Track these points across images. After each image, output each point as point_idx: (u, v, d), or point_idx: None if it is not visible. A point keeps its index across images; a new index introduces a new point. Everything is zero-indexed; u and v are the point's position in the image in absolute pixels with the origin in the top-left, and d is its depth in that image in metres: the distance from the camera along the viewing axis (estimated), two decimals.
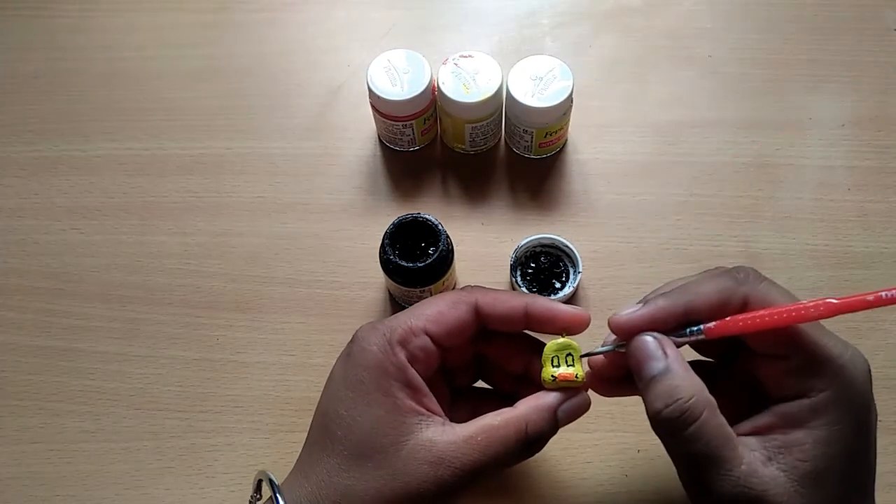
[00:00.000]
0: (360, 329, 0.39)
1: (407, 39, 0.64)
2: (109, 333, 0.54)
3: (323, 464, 0.37)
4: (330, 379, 0.39)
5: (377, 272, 0.50)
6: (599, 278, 0.55)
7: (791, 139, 0.59)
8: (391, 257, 0.48)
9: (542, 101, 0.52)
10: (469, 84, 0.53)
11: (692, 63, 0.62)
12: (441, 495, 0.35)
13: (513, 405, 0.38)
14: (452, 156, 0.59)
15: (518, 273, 0.53)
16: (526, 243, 0.53)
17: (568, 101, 0.54)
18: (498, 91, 0.53)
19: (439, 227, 0.48)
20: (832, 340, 0.35)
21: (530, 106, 0.52)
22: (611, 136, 0.60)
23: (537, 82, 0.53)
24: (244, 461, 0.50)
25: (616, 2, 0.65)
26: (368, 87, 0.54)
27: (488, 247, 0.56)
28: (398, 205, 0.57)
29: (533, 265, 0.54)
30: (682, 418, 0.34)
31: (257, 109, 0.61)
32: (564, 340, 0.39)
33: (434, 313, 0.38)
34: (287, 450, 0.50)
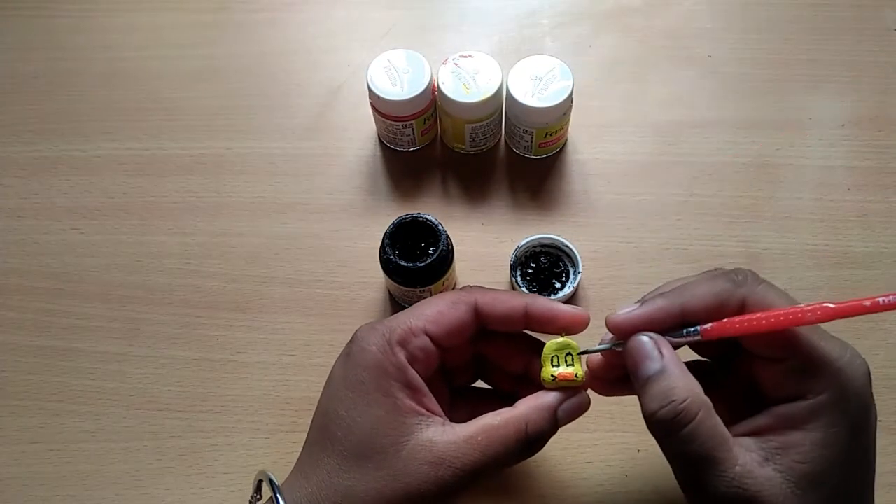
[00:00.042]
0: (360, 329, 0.39)
1: (407, 39, 0.64)
2: (109, 333, 0.54)
3: (323, 464, 0.37)
4: (329, 379, 0.39)
5: (377, 272, 0.50)
6: (599, 278, 0.55)
7: (791, 139, 0.59)
8: (391, 257, 0.48)
9: (542, 101, 0.52)
10: (469, 84, 0.53)
11: (692, 63, 0.62)
12: (441, 495, 0.35)
13: (512, 405, 0.38)
14: (452, 156, 0.59)
15: (518, 273, 0.53)
16: (526, 243, 0.53)
17: (568, 101, 0.54)
18: (498, 91, 0.53)
19: (439, 227, 0.48)
20: (830, 342, 0.35)
21: (530, 106, 0.52)
22: (611, 136, 0.60)
23: (537, 82, 0.53)
24: (244, 461, 0.50)
25: (616, 2, 0.65)
26: (368, 87, 0.54)
27: (488, 247, 0.56)
28: (398, 205, 0.57)
29: (533, 265, 0.54)
30: (677, 419, 0.34)
31: (257, 109, 0.61)
32: (564, 340, 0.39)
33: (434, 313, 0.38)
34: (287, 450, 0.50)
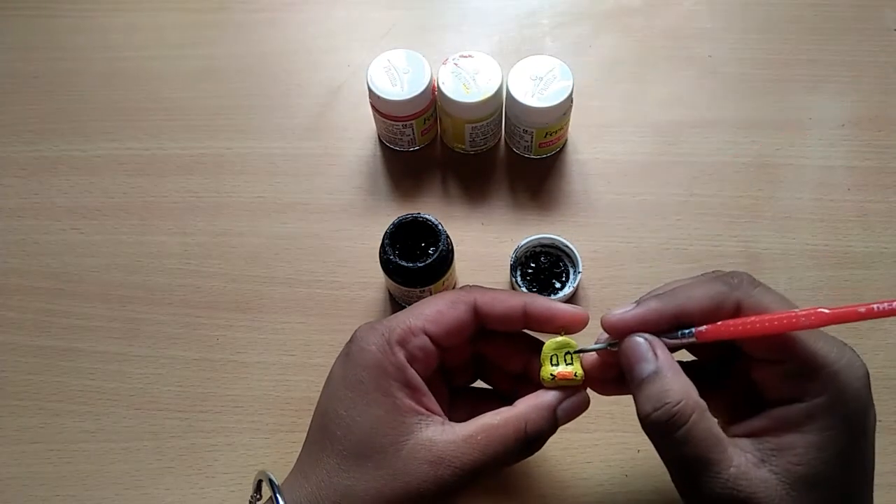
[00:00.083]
0: (359, 329, 0.39)
1: (407, 39, 0.64)
2: (109, 333, 0.54)
3: (323, 464, 0.37)
4: (329, 379, 0.39)
5: (377, 272, 0.50)
6: (599, 278, 0.55)
7: (791, 139, 0.59)
8: (391, 257, 0.48)
9: (542, 101, 0.52)
10: (469, 84, 0.53)
11: (692, 63, 0.62)
12: (441, 495, 0.35)
13: (512, 404, 0.38)
14: (452, 156, 0.59)
15: (518, 273, 0.53)
16: (526, 243, 0.53)
17: (568, 101, 0.54)
18: (498, 91, 0.53)
19: (439, 227, 0.48)
20: (828, 345, 0.34)
21: (530, 106, 0.52)
22: (611, 136, 0.60)
23: (537, 82, 0.53)
24: (244, 461, 0.50)
25: (616, 2, 0.65)
26: (368, 87, 0.54)
27: (488, 247, 0.56)
28: (398, 205, 0.57)
29: (533, 265, 0.54)
30: (671, 421, 0.34)
31: (257, 109, 0.61)
32: (563, 339, 0.39)
33: (433, 313, 0.38)
34: (287, 450, 0.50)
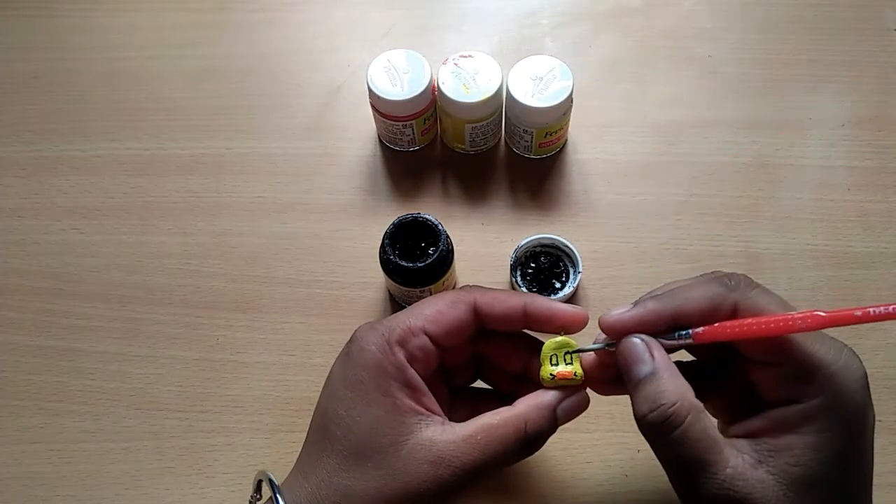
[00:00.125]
0: (359, 329, 0.39)
1: (407, 39, 0.64)
2: (109, 333, 0.54)
3: (322, 464, 0.37)
4: (329, 379, 0.39)
5: (377, 272, 0.50)
6: (599, 278, 0.55)
7: (791, 139, 0.59)
8: (391, 257, 0.48)
9: (542, 101, 0.52)
10: (469, 84, 0.53)
11: (692, 63, 0.62)
12: (441, 495, 0.35)
13: (512, 404, 0.38)
14: (452, 156, 0.59)
15: (518, 273, 0.53)
16: (526, 243, 0.53)
17: (568, 101, 0.54)
18: (498, 91, 0.53)
19: (439, 227, 0.48)
20: (825, 346, 0.34)
21: (530, 106, 0.52)
22: (611, 136, 0.60)
23: (537, 82, 0.53)
24: (244, 461, 0.50)
25: (616, 2, 0.65)
26: (368, 87, 0.54)
27: (488, 247, 0.56)
28: (398, 205, 0.57)
29: (533, 265, 0.54)
30: (667, 423, 0.34)
31: (257, 109, 0.61)
32: (563, 339, 0.39)
33: (433, 313, 0.38)
34: (287, 450, 0.50)
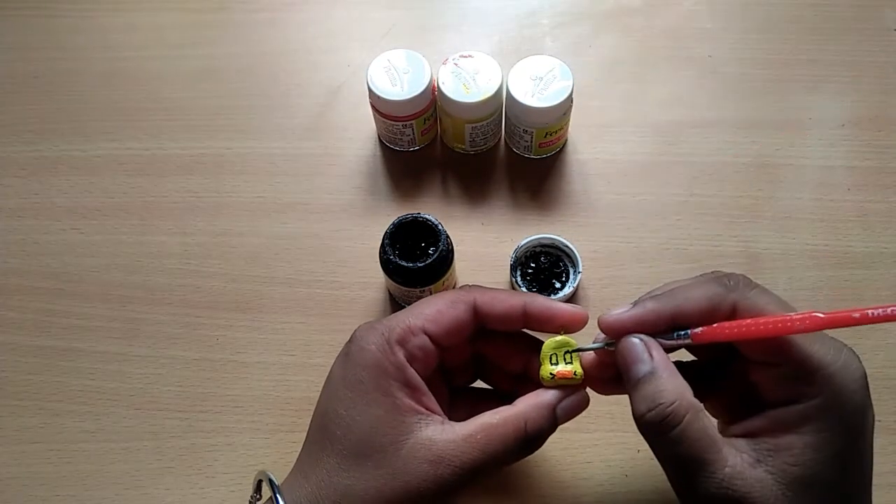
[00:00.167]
0: (359, 329, 0.39)
1: (407, 39, 0.64)
2: (109, 333, 0.54)
3: (322, 464, 0.37)
4: (329, 379, 0.39)
5: (377, 272, 0.50)
6: (599, 278, 0.55)
7: (791, 139, 0.59)
8: (391, 257, 0.48)
9: (542, 101, 0.52)
10: (469, 84, 0.53)
11: (692, 63, 0.62)
12: (441, 494, 0.35)
13: (511, 403, 0.38)
14: (452, 156, 0.59)
15: (518, 273, 0.53)
16: (526, 243, 0.53)
17: (568, 101, 0.54)
18: (498, 91, 0.53)
19: (439, 227, 0.48)
20: (824, 347, 0.34)
21: (530, 106, 0.52)
22: (611, 136, 0.60)
23: (537, 82, 0.53)
24: (244, 461, 0.50)
25: (616, 2, 0.65)
26: (368, 87, 0.54)
27: (488, 247, 0.56)
28: (398, 205, 0.57)
29: (533, 265, 0.54)
30: (665, 422, 0.34)
31: (257, 109, 0.61)
32: (563, 338, 0.39)
33: (433, 312, 0.38)
34: (287, 450, 0.50)
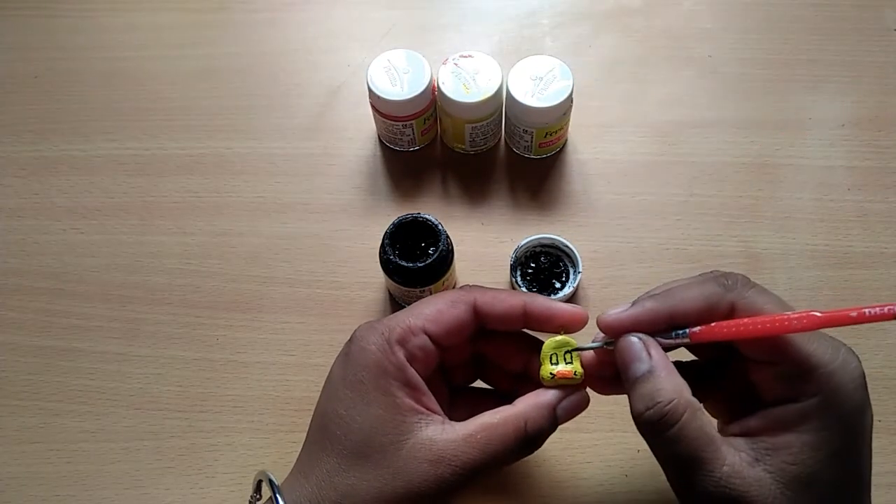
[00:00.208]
0: (359, 328, 0.39)
1: (407, 39, 0.64)
2: (109, 333, 0.54)
3: (323, 464, 0.37)
4: (328, 379, 0.39)
5: (377, 272, 0.50)
6: (599, 278, 0.55)
7: (791, 139, 0.59)
8: (391, 257, 0.48)
9: (542, 101, 0.52)
10: (469, 84, 0.53)
11: (692, 63, 0.62)
12: (441, 494, 0.35)
13: (511, 403, 0.38)
14: (452, 156, 0.59)
15: (518, 273, 0.53)
16: (526, 243, 0.53)
17: (568, 101, 0.54)
18: (498, 91, 0.53)
19: (439, 227, 0.48)
20: (822, 346, 0.34)
21: (530, 106, 0.52)
22: (611, 136, 0.60)
23: (537, 82, 0.53)
24: (244, 461, 0.50)
25: (616, 2, 0.65)
26: (368, 87, 0.54)
27: (488, 247, 0.56)
28: (398, 205, 0.57)
29: (533, 265, 0.54)
30: (663, 421, 0.34)
31: (257, 109, 0.61)
32: (563, 338, 0.39)
33: (433, 312, 0.38)
34: (287, 450, 0.50)
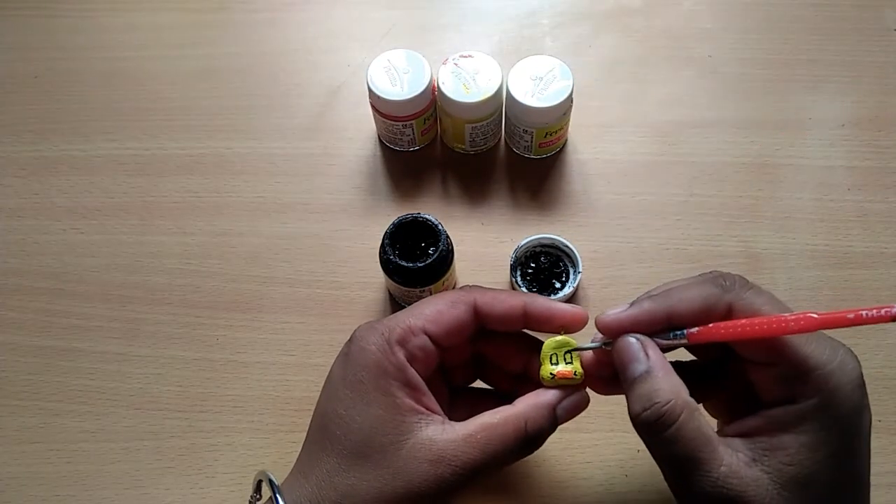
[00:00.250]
0: (359, 329, 0.39)
1: (407, 39, 0.64)
2: (109, 333, 0.54)
3: (323, 464, 0.37)
4: (328, 379, 0.39)
5: (377, 272, 0.50)
6: (599, 278, 0.55)
7: (791, 139, 0.59)
8: (391, 257, 0.48)
9: (542, 101, 0.52)
10: (469, 84, 0.53)
11: (692, 63, 0.62)
12: (441, 494, 0.36)
13: (511, 403, 0.38)
14: (452, 156, 0.59)
15: (518, 273, 0.53)
16: (526, 243, 0.53)
17: (568, 101, 0.54)
18: (498, 91, 0.53)
19: (439, 227, 0.48)
20: (820, 347, 0.34)
21: (530, 106, 0.52)
22: (611, 136, 0.60)
23: (537, 82, 0.53)
24: (244, 461, 0.50)
25: (616, 2, 0.65)
26: (368, 87, 0.54)
27: (488, 247, 0.56)
28: (398, 205, 0.57)
29: (533, 265, 0.54)
30: (660, 421, 0.34)
31: (257, 109, 0.61)
32: (563, 338, 0.39)
33: (433, 313, 0.38)
34: (287, 450, 0.50)
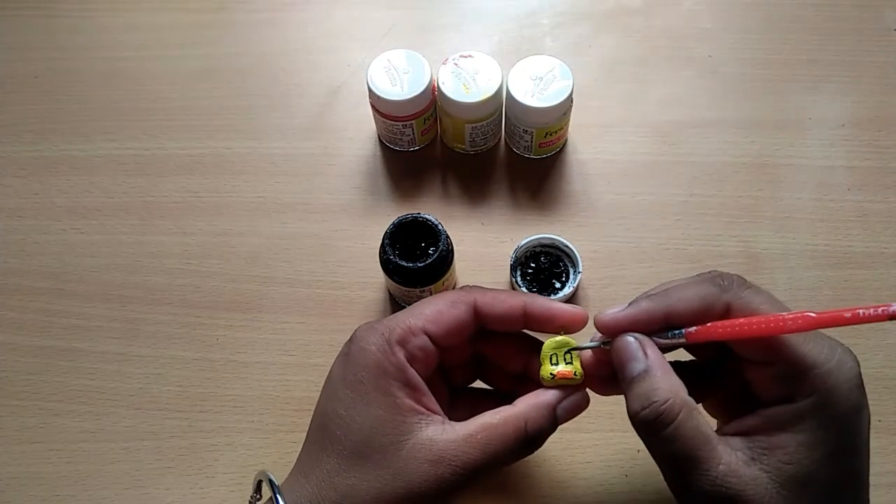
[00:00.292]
0: (359, 329, 0.39)
1: (407, 39, 0.64)
2: (109, 333, 0.54)
3: (323, 464, 0.37)
4: (328, 379, 0.39)
5: (377, 272, 0.50)
6: (599, 278, 0.55)
7: (791, 139, 0.59)
8: (391, 257, 0.48)
9: (542, 101, 0.52)
10: (469, 84, 0.53)
11: (692, 63, 0.62)
12: (441, 494, 0.36)
13: (511, 403, 0.38)
14: (452, 156, 0.59)
15: (518, 273, 0.53)
16: (526, 243, 0.53)
17: (568, 101, 0.54)
18: (498, 91, 0.53)
19: (439, 227, 0.48)
20: (818, 346, 0.34)
21: (530, 106, 0.52)
22: (611, 136, 0.60)
23: (537, 82, 0.53)
24: (244, 461, 0.50)
25: (616, 2, 0.65)
26: (368, 87, 0.54)
27: (488, 247, 0.56)
28: (398, 205, 0.57)
29: (533, 265, 0.54)
30: (659, 420, 0.34)
31: (257, 109, 0.61)
32: (563, 338, 0.39)
33: (433, 313, 0.38)
34: (287, 450, 0.50)
